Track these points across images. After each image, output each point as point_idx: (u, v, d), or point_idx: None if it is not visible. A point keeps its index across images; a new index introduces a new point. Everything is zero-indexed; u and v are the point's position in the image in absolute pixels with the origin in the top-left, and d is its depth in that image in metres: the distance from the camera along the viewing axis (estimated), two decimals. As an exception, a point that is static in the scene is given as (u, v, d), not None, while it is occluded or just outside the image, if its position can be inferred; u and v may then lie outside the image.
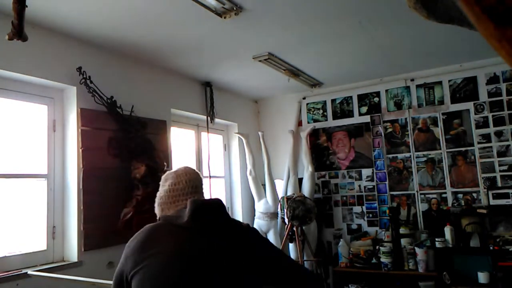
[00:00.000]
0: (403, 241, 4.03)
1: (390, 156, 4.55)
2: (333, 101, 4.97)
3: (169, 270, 1.22)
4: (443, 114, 4.33)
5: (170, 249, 1.25)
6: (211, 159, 4.50)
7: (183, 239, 1.27)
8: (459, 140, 4.22)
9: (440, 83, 4.37)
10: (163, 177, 1.49)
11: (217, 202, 1.39)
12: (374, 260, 4.09)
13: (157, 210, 1.45)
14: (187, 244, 1.26)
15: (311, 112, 5.10)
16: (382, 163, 4.57)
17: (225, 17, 2.75)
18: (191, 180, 1.43)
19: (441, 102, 4.35)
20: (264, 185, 4.82)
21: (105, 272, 2.86)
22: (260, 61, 3.71)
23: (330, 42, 3.44)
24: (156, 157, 3.31)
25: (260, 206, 4.73)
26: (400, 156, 4.51)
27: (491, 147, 4.04)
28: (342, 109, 4.90)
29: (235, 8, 2.65)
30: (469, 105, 4.19)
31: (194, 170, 1.50)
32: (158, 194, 1.45)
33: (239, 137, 4.94)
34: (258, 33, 3.14)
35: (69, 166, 2.93)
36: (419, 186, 4.37)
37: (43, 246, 2.79)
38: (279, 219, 4.71)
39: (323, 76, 4.50)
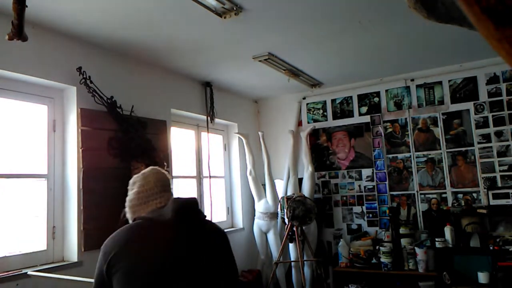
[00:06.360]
0: (403, 241, 4.03)
1: (390, 156, 4.55)
2: (333, 101, 4.97)
3: (155, 264, 1.25)
4: (443, 114, 4.33)
5: (156, 245, 1.29)
6: (211, 159, 4.50)
7: (168, 235, 1.31)
8: (459, 140, 4.22)
9: (440, 83, 4.37)
10: (131, 181, 1.51)
11: (195, 201, 1.44)
12: (374, 260, 4.09)
13: (129, 214, 1.47)
14: (172, 240, 1.31)
15: (311, 112, 5.10)
16: (382, 163, 4.57)
17: (225, 17, 2.75)
18: (159, 180, 1.47)
19: (441, 102, 4.35)
20: (264, 185, 4.82)
21: (105, 272, 2.86)
22: (260, 61, 3.71)
23: (330, 42, 3.44)
24: (156, 157, 3.31)
25: (260, 206, 4.73)
26: (400, 156, 4.51)
27: (491, 147, 4.04)
28: (342, 109, 4.90)
29: (235, 8, 2.65)
30: (469, 105, 4.19)
31: (161, 170, 1.53)
32: (128, 198, 1.47)
33: (239, 137, 4.94)
34: (258, 33, 3.14)
35: (69, 166, 2.93)
36: (419, 186, 4.36)
37: (43, 246, 2.79)
38: (279, 219, 4.71)
39: (323, 76, 4.50)
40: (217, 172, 4.80)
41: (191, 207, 1.40)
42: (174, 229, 1.32)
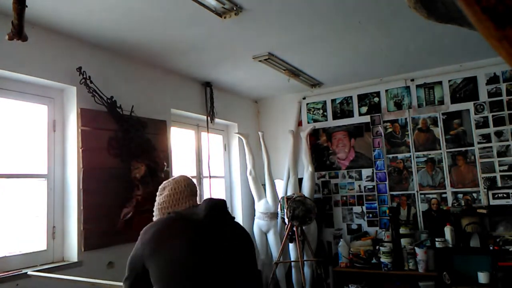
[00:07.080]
0: (403, 241, 4.03)
1: (390, 156, 4.55)
2: (333, 101, 4.97)
3: (187, 258, 1.34)
4: (443, 114, 4.33)
5: (188, 240, 1.38)
6: (211, 159, 4.50)
7: (200, 232, 1.41)
8: (459, 140, 4.22)
9: (440, 83, 4.37)
10: (160, 187, 1.63)
11: (225, 202, 1.56)
12: (374, 260, 4.09)
13: (157, 216, 1.59)
14: (204, 237, 1.41)
15: (311, 112, 5.10)
16: (382, 163, 4.57)
17: (225, 17, 2.75)
18: (190, 185, 1.61)
19: (441, 102, 4.35)
20: (264, 185, 4.82)
21: (105, 272, 2.86)
22: (260, 61, 3.71)
23: (330, 42, 3.44)
24: (156, 157, 3.31)
25: (260, 206, 4.73)
26: (400, 156, 4.51)
27: (491, 147, 4.04)
28: (342, 109, 4.90)
29: (235, 8, 2.65)
30: (469, 105, 4.19)
31: (189, 177, 1.69)
32: (158, 201, 1.59)
33: (239, 137, 4.94)
34: (258, 33, 3.14)
35: (69, 166, 2.93)
36: (419, 186, 4.36)
37: (43, 246, 2.79)
38: (279, 219, 4.71)
39: (323, 76, 4.50)
40: (217, 172, 4.80)
41: (222, 208, 1.52)
42: (206, 228, 1.43)
